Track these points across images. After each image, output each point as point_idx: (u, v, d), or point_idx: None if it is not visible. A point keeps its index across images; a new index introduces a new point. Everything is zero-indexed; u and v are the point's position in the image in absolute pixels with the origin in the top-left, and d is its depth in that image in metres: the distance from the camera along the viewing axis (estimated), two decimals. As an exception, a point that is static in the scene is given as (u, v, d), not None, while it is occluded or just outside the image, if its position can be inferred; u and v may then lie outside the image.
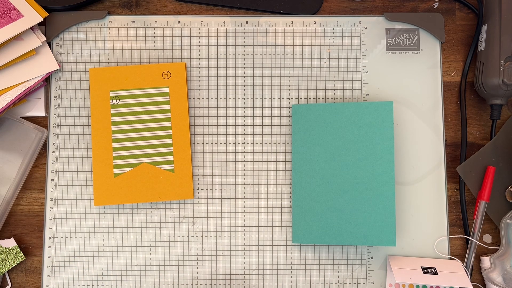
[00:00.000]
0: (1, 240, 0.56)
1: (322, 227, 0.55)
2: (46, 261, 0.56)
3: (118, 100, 0.58)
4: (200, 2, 0.62)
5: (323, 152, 0.56)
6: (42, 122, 0.59)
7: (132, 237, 0.57)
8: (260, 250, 0.57)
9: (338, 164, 0.56)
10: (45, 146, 0.58)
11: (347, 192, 0.55)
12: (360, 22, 0.61)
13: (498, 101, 0.58)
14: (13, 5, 0.56)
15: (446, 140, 0.60)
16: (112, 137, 0.57)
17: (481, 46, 0.59)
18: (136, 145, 0.57)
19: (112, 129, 0.58)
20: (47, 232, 0.57)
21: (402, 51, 0.60)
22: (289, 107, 0.59)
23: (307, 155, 0.57)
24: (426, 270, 0.55)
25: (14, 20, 0.55)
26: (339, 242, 0.55)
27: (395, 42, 0.61)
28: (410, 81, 0.60)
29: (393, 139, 0.56)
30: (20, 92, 0.56)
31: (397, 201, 0.58)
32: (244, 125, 0.59)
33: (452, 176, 0.59)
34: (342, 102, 0.58)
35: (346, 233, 0.55)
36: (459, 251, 0.58)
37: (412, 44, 0.61)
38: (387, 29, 0.61)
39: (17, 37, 0.56)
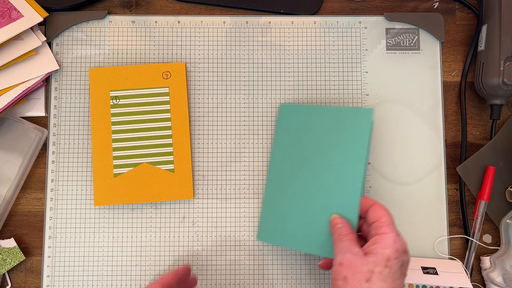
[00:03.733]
0: (1, 240, 0.56)
1: (286, 229, 0.53)
2: (46, 261, 0.56)
3: (118, 100, 0.58)
4: (200, 2, 0.62)
5: (299, 154, 0.55)
6: (42, 122, 0.59)
7: (132, 237, 0.57)
8: (260, 250, 0.57)
9: (310, 167, 0.53)
10: (45, 146, 0.58)
11: (313, 198, 0.52)
12: (360, 22, 0.61)
13: (498, 101, 0.58)
14: (13, 5, 0.56)
15: (446, 140, 0.60)
16: (112, 137, 0.57)
17: (481, 46, 0.59)
18: (136, 145, 0.57)
19: (112, 129, 0.58)
20: (47, 232, 0.57)
21: (402, 51, 0.60)
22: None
23: (284, 155, 0.56)
24: (426, 270, 0.55)
25: (14, 20, 0.55)
26: (300, 248, 0.53)
27: (395, 42, 0.61)
28: (410, 81, 0.60)
29: (367, 148, 0.51)
30: (20, 92, 0.56)
31: (397, 201, 0.58)
32: (244, 125, 0.59)
33: (452, 176, 0.59)
34: (327, 106, 0.57)
35: (308, 240, 0.52)
36: (459, 251, 0.58)
37: (412, 44, 0.61)
38: (387, 29, 0.61)
39: (17, 37, 0.56)
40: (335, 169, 0.52)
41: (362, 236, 0.49)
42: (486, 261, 0.57)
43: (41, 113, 0.59)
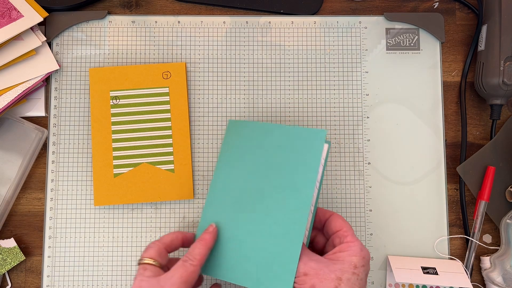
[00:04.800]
0: (1, 240, 0.56)
1: (219, 257, 0.47)
2: (46, 261, 0.56)
3: (118, 100, 0.58)
4: (200, 2, 0.62)
5: (243, 174, 0.50)
6: (42, 122, 0.59)
7: (132, 237, 0.57)
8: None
9: (254, 190, 0.48)
10: (45, 146, 0.58)
11: (255, 223, 0.47)
12: (360, 22, 0.61)
13: (498, 101, 0.58)
14: (13, 5, 0.56)
15: (446, 140, 0.60)
16: (112, 137, 0.57)
17: (481, 46, 0.59)
18: (136, 145, 0.57)
19: (112, 129, 0.58)
20: (47, 232, 0.57)
21: (402, 51, 0.60)
22: (290, 107, 0.59)
23: (228, 176, 0.50)
24: (426, 270, 0.55)
25: (14, 20, 0.55)
26: (231, 279, 0.46)
27: (395, 42, 0.61)
28: (410, 81, 0.60)
29: (317, 172, 0.46)
30: (20, 92, 0.56)
31: (397, 201, 0.58)
32: (244, 125, 0.59)
33: (452, 176, 0.59)
34: (279, 124, 0.52)
35: (241, 269, 0.46)
36: (459, 251, 0.58)
37: (412, 44, 0.61)
38: (387, 29, 0.61)
39: (17, 37, 0.56)
40: (282, 194, 0.47)
41: (315, 248, 0.50)
42: (486, 261, 0.57)
43: (41, 113, 0.59)
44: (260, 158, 0.49)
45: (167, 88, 0.58)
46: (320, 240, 0.50)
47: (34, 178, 0.58)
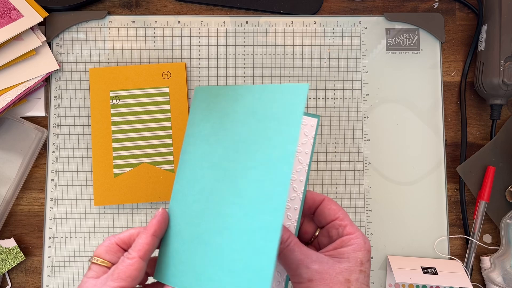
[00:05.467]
0: (1, 240, 0.56)
1: (186, 261, 0.37)
2: (46, 261, 0.56)
3: (118, 100, 0.58)
4: (200, 2, 0.62)
5: (212, 154, 0.39)
6: (42, 122, 0.59)
7: (132, 237, 0.57)
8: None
9: (224, 172, 0.38)
10: (45, 146, 0.58)
11: (225, 215, 0.36)
12: (360, 22, 0.61)
13: (498, 101, 0.58)
14: (13, 5, 0.56)
15: (446, 140, 0.60)
16: (112, 137, 0.57)
17: (481, 46, 0.59)
18: (136, 145, 0.57)
19: (112, 129, 0.58)
20: (47, 232, 0.57)
21: (402, 51, 0.60)
22: (289, 107, 0.59)
23: (195, 156, 0.40)
24: (426, 270, 0.55)
25: (14, 20, 0.55)
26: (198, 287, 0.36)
27: (395, 42, 0.61)
28: (410, 81, 0.60)
29: (296, 140, 0.35)
30: (20, 92, 0.56)
31: (397, 201, 0.58)
32: (244, 125, 0.59)
33: (452, 176, 0.59)
34: (249, 85, 0.39)
35: (209, 274, 0.36)
36: (459, 251, 0.58)
37: (412, 44, 0.61)
38: (387, 29, 0.61)
39: (17, 37, 0.56)
40: (255, 174, 0.36)
41: (302, 238, 0.43)
42: (486, 261, 0.57)
43: (41, 113, 0.59)
44: (229, 132, 0.39)
45: (167, 88, 0.58)
46: (308, 229, 0.43)
47: (34, 178, 0.58)
